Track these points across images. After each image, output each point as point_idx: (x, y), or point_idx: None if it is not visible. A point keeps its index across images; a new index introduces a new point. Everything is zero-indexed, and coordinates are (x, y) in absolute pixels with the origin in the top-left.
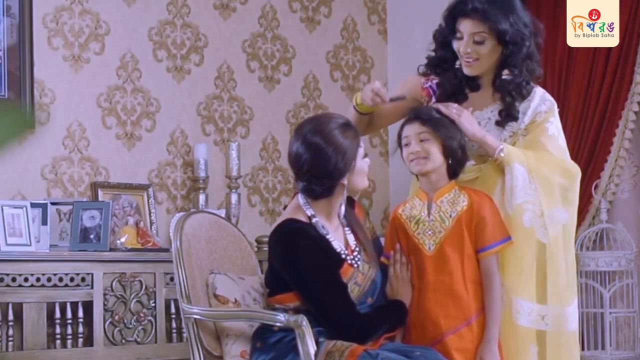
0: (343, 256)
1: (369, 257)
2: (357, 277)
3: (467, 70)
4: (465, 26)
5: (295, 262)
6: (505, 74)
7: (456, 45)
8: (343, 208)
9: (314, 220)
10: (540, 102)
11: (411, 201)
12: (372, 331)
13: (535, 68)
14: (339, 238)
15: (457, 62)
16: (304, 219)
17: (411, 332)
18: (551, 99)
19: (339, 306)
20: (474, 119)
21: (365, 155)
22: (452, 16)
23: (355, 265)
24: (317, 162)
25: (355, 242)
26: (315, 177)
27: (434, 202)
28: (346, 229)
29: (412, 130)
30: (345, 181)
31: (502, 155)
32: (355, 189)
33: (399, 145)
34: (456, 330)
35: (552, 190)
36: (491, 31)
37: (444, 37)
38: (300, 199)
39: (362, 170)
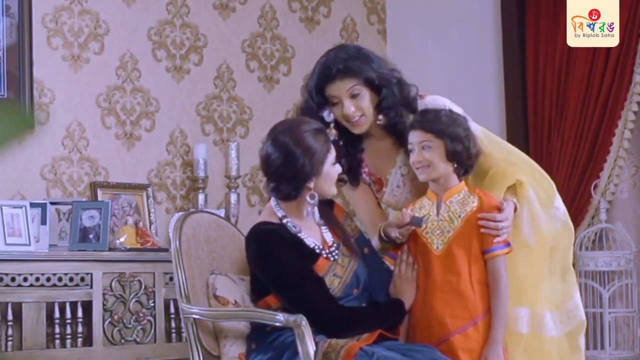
0: (317, 251)
1: (349, 252)
2: (336, 269)
3: (357, 130)
4: (337, 88)
5: (269, 263)
6: (380, 120)
7: (336, 111)
8: (317, 214)
9: (284, 220)
10: None
11: (420, 201)
12: (355, 324)
13: (409, 92)
14: (313, 235)
15: (331, 134)
16: (275, 220)
17: (416, 332)
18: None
19: (315, 299)
20: (510, 214)
21: (335, 164)
22: (319, 87)
23: (332, 259)
24: (285, 163)
25: (332, 239)
26: (284, 177)
27: (443, 202)
28: (323, 228)
29: (415, 138)
30: (311, 185)
31: (517, 204)
32: (322, 195)
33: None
34: (462, 330)
35: (545, 192)
36: (362, 82)
37: (315, 110)
38: (272, 201)
39: (329, 176)
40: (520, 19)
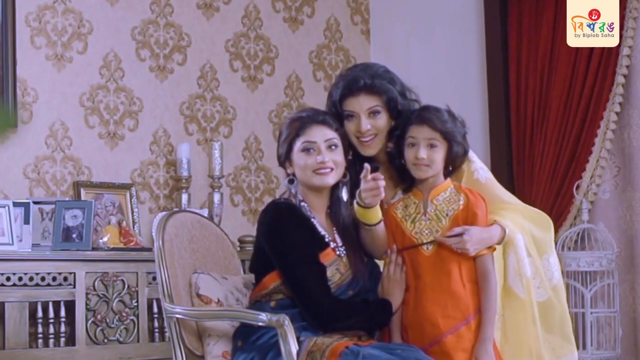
0: (327, 240)
1: (354, 255)
2: (339, 265)
3: (366, 151)
4: (359, 103)
5: (281, 238)
6: (389, 147)
7: (350, 126)
8: (345, 193)
9: (302, 204)
10: None
11: (405, 200)
12: (342, 317)
13: None
14: (324, 227)
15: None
16: (294, 201)
17: (408, 333)
18: None
19: (313, 284)
20: (476, 232)
21: (306, 150)
22: (342, 98)
23: (338, 253)
24: (277, 146)
25: (341, 241)
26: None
27: (430, 201)
28: (334, 228)
29: (422, 134)
30: (289, 170)
31: (508, 233)
32: (306, 184)
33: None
34: (455, 330)
35: (538, 241)
36: (384, 103)
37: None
38: (292, 187)
39: (299, 164)
40: (503, 19)
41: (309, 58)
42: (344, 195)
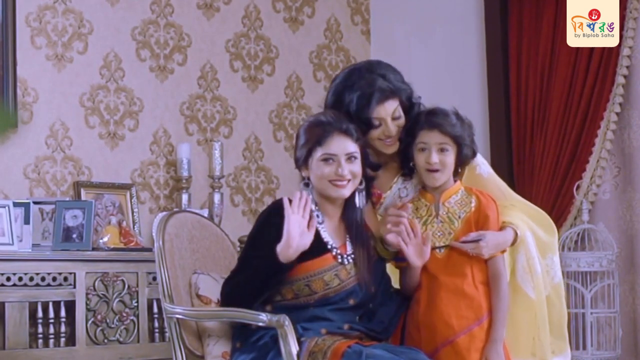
0: (328, 247)
1: (359, 267)
2: (340, 272)
3: (390, 150)
4: (385, 110)
5: (259, 226)
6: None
7: (374, 132)
8: (361, 199)
9: (313, 207)
10: None
11: (415, 202)
12: (239, 296)
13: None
14: (334, 235)
15: None
16: None
17: (420, 332)
18: None
19: (248, 273)
20: (492, 238)
21: (325, 160)
22: (368, 106)
23: (340, 260)
24: (295, 147)
25: (352, 250)
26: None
27: (441, 204)
28: (347, 237)
29: (432, 138)
30: (304, 174)
31: (519, 234)
32: (320, 193)
33: (410, 145)
34: (468, 330)
35: (543, 242)
36: (401, 103)
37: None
38: (307, 191)
39: (317, 172)
40: (503, 20)
41: (309, 58)
42: (359, 202)
